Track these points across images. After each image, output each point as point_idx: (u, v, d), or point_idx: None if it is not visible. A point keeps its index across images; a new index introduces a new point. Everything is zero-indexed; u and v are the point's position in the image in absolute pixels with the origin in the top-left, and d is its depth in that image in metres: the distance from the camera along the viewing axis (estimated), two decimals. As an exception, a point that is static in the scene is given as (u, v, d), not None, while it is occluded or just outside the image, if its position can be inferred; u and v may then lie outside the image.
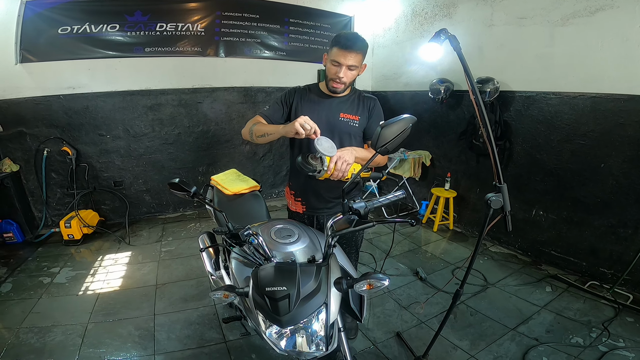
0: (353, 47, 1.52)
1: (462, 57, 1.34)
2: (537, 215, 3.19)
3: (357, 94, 1.78)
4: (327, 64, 1.61)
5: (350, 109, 1.72)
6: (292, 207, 1.92)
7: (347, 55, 1.52)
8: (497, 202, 1.38)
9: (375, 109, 1.76)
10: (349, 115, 1.71)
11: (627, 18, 2.41)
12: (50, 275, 2.87)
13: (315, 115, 1.63)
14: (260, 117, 1.74)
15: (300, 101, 1.74)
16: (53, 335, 2.18)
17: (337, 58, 1.54)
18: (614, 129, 2.60)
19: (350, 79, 1.63)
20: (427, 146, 4.22)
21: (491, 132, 1.45)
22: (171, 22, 3.73)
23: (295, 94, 1.76)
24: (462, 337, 2.22)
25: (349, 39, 1.52)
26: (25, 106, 3.36)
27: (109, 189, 3.91)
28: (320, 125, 1.58)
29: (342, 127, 1.70)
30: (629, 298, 2.52)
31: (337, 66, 1.56)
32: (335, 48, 1.54)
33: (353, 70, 1.59)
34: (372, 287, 1.09)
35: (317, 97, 1.75)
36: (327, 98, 1.73)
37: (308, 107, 1.72)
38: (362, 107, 1.74)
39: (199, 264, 2.94)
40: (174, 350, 2.09)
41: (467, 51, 1.36)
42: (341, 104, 1.72)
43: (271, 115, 1.74)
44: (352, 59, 1.54)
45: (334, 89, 1.64)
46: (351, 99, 1.75)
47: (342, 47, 1.52)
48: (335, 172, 1.43)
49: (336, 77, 1.59)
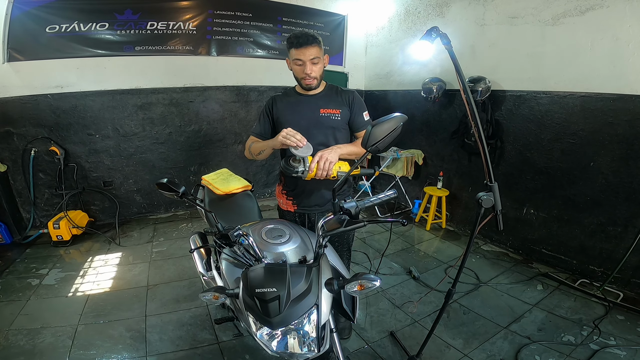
0: (306, 43, 1.59)
1: (453, 55, 1.34)
2: (528, 214, 3.22)
3: (333, 89, 1.82)
4: (292, 67, 1.69)
5: (329, 103, 1.76)
6: (284, 206, 1.94)
7: (304, 51, 1.60)
8: (489, 201, 1.39)
9: (355, 100, 1.80)
10: (329, 109, 1.75)
11: (617, 17, 2.44)
12: (38, 277, 2.82)
13: (296, 115, 1.72)
14: (253, 137, 1.85)
15: (279, 105, 1.79)
16: (43, 337, 2.14)
17: (297, 57, 1.62)
18: (603, 128, 2.63)
19: (319, 72, 1.69)
20: (420, 145, 4.24)
21: (482, 131, 1.46)
22: (162, 21, 3.68)
23: (273, 102, 1.81)
24: (455, 335, 2.22)
25: (299, 37, 1.60)
26: (13, 105, 3.29)
27: (98, 189, 3.85)
28: (303, 122, 1.68)
29: (325, 122, 1.74)
30: (620, 296, 2.54)
31: (301, 65, 1.64)
32: (292, 49, 1.62)
33: (317, 63, 1.65)
34: (364, 288, 1.09)
35: (295, 98, 1.80)
36: (304, 97, 1.78)
37: (288, 109, 1.77)
38: (340, 100, 1.78)
39: (190, 265, 2.91)
40: (166, 351, 2.07)
41: (459, 50, 1.37)
42: (319, 100, 1.77)
43: (260, 131, 1.83)
44: (310, 53, 1.61)
45: (309, 85, 1.70)
46: (328, 94, 1.80)
47: (297, 46, 1.60)
48: (318, 172, 1.48)
49: (305, 75, 1.66)
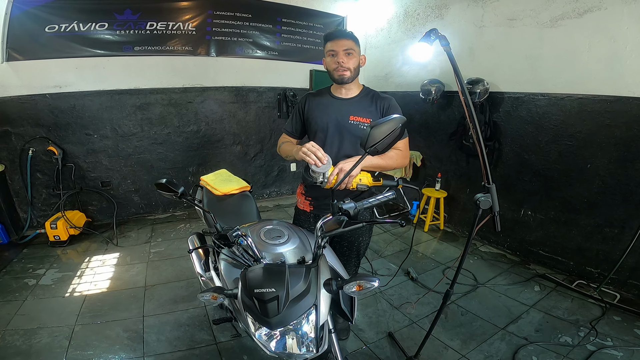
0: (340, 35, 1.62)
1: (452, 57, 1.35)
2: (525, 215, 3.23)
3: (370, 94, 1.74)
4: (326, 61, 1.68)
5: (361, 111, 1.69)
6: (301, 205, 1.89)
7: (338, 42, 1.61)
8: (486, 203, 1.39)
9: (391, 108, 1.70)
10: (359, 117, 1.67)
11: (614, 19, 2.45)
12: (35, 277, 2.81)
13: (325, 118, 1.69)
14: (284, 134, 1.86)
15: (311, 103, 1.77)
16: (39, 338, 2.13)
17: (331, 48, 1.63)
18: (600, 130, 2.64)
19: (353, 65, 1.64)
20: (418, 146, 4.24)
21: (480, 133, 1.47)
22: (162, 21, 3.68)
23: (306, 100, 1.79)
24: (453, 336, 2.23)
25: (335, 30, 1.65)
26: (11, 105, 3.28)
27: (96, 190, 3.84)
28: (330, 127, 1.67)
29: (352, 130, 1.67)
30: (616, 297, 2.56)
31: (334, 55, 1.63)
32: (327, 43, 1.65)
33: (351, 55, 1.63)
34: (362, 289, 1.09)
35: (327, 99, 1.75)
36: (338, 99, 1.73)
37: (318, 110, 1.74)
38: (374, 108, 1.70)
39: (188, 265, 2.90)
40: (164, 352, 2.06)
41: (458, 52, 1.37)
42: (351, 106, 1.70)
43: (291, 129, 1.83)
44: (344, 44, 1.61)
45: (342, 77, 1.65)
46: (363, 100, 1.72)
47: (332, 38, 1.63)
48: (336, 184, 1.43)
49: (337, 66, 1.63)
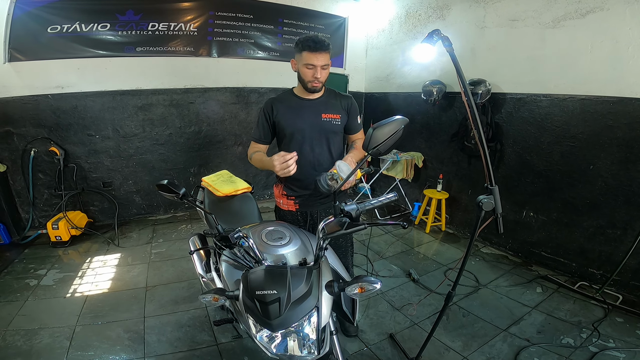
0: (321, 48, 1.63)
1: (454, 58, 1.34)
2: (527, 217, 3.22)
3: (332, 93, 1.88)
4: (300, 68, 1.71)
5: (330, 108, 1.82)
6: (284, 206, 1.93)
7: (318, 56, 1.63)
8: (489, 204, 1.39)
9: (352, 106, 1.88)
10: (330, 114, 1.81)
11: (617, 20, 2.44)
12: (37, 278, 2.82)
13: (298, 120, 1.75)
14: (253, 143, 1.88)
15: (281, 109, 1.80)
16: (40, 338, 2.13)
17: (310, 61, 1.64)
18: (602, 131, 2.63)
19: (325, 77, 1.73)
20: (420, 147, 4.24)
21: (483, 133, 1.46)
22: (163, 22, 3.69)
23: (273, 105, 1.82)
24: (455, 338, 2.22)
25: (315, 41, 1.63)
26: (13, 105, 3.29)
27: (97, 190, 3.85)
28: (306, 127, 1.74)
29: (326, 127, 1.80)
30: (619, 298, 2.54)
31: (312, 69, 1.67)
32: (305, 52, 1.64)
33: (326, 69, 1.70)
34: (364, 291, 1.09)
35: (296, 102, 1.81)
36: (306, 101, 1.80)
37: (290, 113, 1.79)
38: (340, 105, 1.85)
39: (190, 266, 2.91)
40: (165, 353, 2.06)
41: (460, 53, 1.37)
42: (320, 105, 1.81)
43: (260, 135, 1.86)
44: (323, 59, 1.65)
45: (314, 88, 1.74)
46: (328, 98, 1.85)
47: (312, 49, 1.62)
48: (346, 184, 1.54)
49: (314, 79, 1.69)
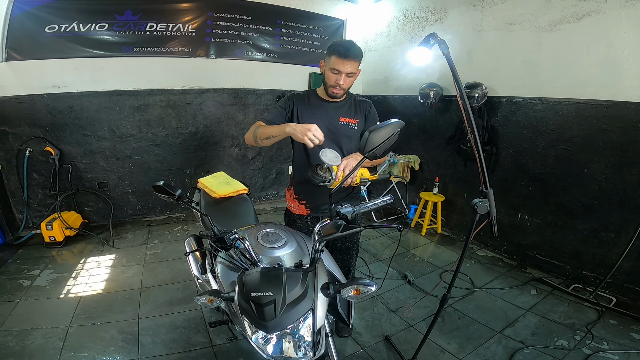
0: (351, 56, 1.57)
1: (450, 61, 1.35)
2: (522, 220, 3.24)
3: (352, 98, 1.84)
4: (326, 71, 1.67)
5: (348, 113, 1.79)
6: (295, 210, 1.91)
7: (345, 63, 1.58)
8: (484, 208, 1.39)
9: (371, 112, 1.84)
10: (348, 119, 1.78)
11: (612, 24, 2.46)
12: (30, 278, 2.79)
13: (316, 121, 1.69)
14: (261, 122, 1.77)
15: (300, 106, 1.78)
16: (33, 339, 2.11)
17: (336, 66, 1.59)
18: (597, 135, 2.66)
19: (349, 85, 1.69)
20: (416, 150, 4.26)
21: (478, 137, 1.47)
22: (162, 22, 3.68)
23: (295, 99, 1.80)
24: (450, 340, 2.23)
25: (347, 47, 1.57)
26: (8, 105, 3.26)
27: (92, 191, 3.82)
28: (322, 129, 1.65)
29: (343, 131, 1.77)
30: (612, 301, 2.56)
31: (336, 74, 1.62)
32: (334, 56, 1.59)
33: (351, 77, 1.66)
34: (359, 293, 1.09)
35: (316, 102, 1.79)
36: (326, 103, 1.78)
37: (309, 112, 1.76)
38: (359, 110, 1.81)
39: (185, 267, 2.90)
40: (159, 354, 2.05)
41: (456, 56, 1.38)
42: (339, 109, 1.78)
43: (273, 119, 1.79)
44: (351, 67, 1.60)
45: (334, 94, 1.70)
46: (348, 103, 1.81)
47: (341, 55, 1.56)
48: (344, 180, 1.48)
49: (336, 85, 1.65)
